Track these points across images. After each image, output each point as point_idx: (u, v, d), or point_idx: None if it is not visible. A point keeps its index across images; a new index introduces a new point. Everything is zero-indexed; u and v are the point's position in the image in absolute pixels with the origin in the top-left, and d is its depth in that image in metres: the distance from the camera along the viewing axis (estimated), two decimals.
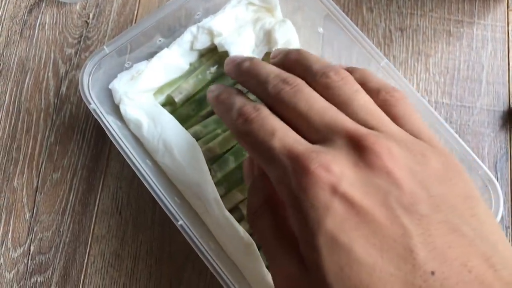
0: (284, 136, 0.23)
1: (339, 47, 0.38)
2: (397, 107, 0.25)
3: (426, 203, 0.20)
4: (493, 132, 0.40)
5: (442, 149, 0.23)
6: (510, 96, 0.41)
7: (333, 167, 0.20)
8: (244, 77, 0.28)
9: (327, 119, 0.23)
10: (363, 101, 0.24)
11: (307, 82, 0.25)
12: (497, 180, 0.39)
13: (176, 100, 0.35)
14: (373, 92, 0.25)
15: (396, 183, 0.20)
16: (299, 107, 0.24)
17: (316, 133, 0.23)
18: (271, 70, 0.27)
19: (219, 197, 0.32)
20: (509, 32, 0.43)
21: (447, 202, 0.20)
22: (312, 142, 0.23)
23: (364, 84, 0.25)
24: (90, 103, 0.33)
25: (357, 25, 0.42)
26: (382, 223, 0.19)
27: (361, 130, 0.22)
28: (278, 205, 0.25)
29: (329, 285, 0.19)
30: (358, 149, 0.21)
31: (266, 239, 0.24)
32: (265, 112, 0.25)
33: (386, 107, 0.25)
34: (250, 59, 0.29)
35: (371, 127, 0.23)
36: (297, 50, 0.28)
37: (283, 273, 0.22)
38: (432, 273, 0.18)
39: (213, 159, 0.35)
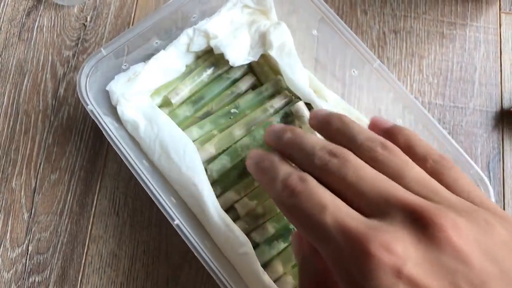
0: (335, 210, 0.21)
1: (333, 49, 0.38)
2: (446, 174, 0.23)
3: (498, 280, 0.18)
4: (486, 132, 0.41)
5: (502, 212, 0.22)
6: (503, 97, 0.42)
7: (395, 247, 0.19)
8: (287, 149, 0.27)
9: (380, 189, 0.21)
10: (415, 172, 0.23)
11: (352, 152, 0.24)
12: (490, 180, 0.39)
13: (173, 101, 0.36)
14: (420, 159, 0.24)
15: (464, 260, 0.19)
16: (348, 178, 0.22)
17: (369, 205, 0.21)
18: (316, 142, 0.25)
19: (215, 197, 0.33)
20: (501, 34, 0.43)
21: None
22: (366, 215, 0.21)
23: (409, 149, 0.24)
24: (87, 104, 0.33)
25: (351, 28, 0.43)
26: None
27: (420, 201, 0.20)
28: (334, 285, 0.23)
29: None
30: (420, 223, 0.19)
31: None
32: (313, 183, 0.23)
33: (436, 175, 0.23)
34: (291, 129, 0.27)
35: (427, 199, 0.21)
36: (339, 118, 0.27)
37: None
38: None
39: (209, 160, 0.35)
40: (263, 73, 0.38)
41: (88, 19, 0.43)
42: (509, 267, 0.19)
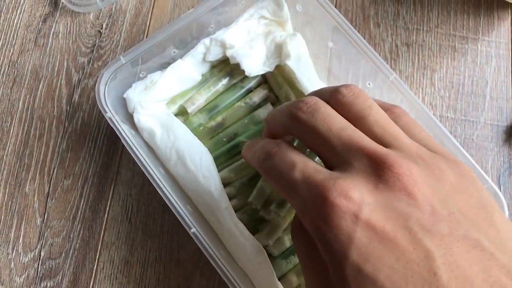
0: (303, 166, 0.23)
1: (347, 61, 0.38)
2: (401, 121, 0.25)
3: (447, 222, 0.20)
4: (497, 146, 0.41)
5: (453, 158, 0.24)
6: None
7: (353, 194, 0.20)
8: (272, 124, 0.29)
9: (344, 138, 0.23)
10: (378, 115, 0.24)
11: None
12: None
13: (189, 110, 0.36)
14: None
15: (416, 204, 0.20)
16: (317, 127, 0.24)
17: (335, 155, 0.23)
18: (290, 102, 0.27)
19: (230, 206, 0.33)
20: None
21: (465, 217, 0.21)
22: (332, 166, 0.23)
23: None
24: (106, 112, 0.34)
25: (364, 40, 0.43)
26: (405, 248, 0.20)
27: (379, 149, 0.22)
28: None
29: None
30: (378, 170, 0.21)
31: (301, 257, 0.24)
32: (285, 146, 0.25)
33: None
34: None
35: (387, 144, 0.23)
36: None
37: None
38: None
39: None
40: (276, 84, 0.38)
41: (104, 26, 0.44)
42: (457, 210, 0.21)
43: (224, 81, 0.37)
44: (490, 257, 0.20)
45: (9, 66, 0.43)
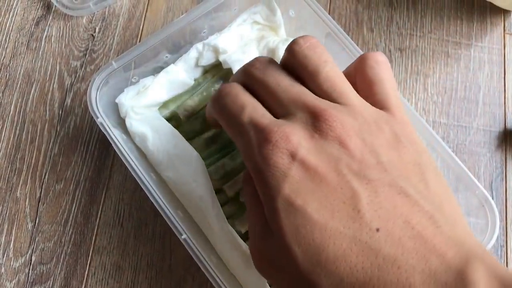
0: (252, 111, 0.25)
1: (339, 66, 0.38)
2: (374, 71, 0.27)
3: (375, 169, 0.22)
4: (489, 152, 0.41)
5: (401, 118, 0.25)
6: (506, 117, 0.42)
7: (292, 137, 0.23)
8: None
9: (291, 94, 0.25)
10: (331, 73, 0.26)
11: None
12: (492, 199, 0.40)
13: (181, 116, 0.36)
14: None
15: (347, 152, 0.23)
16: (269, 83, 0.26)
17: (281, 107, 0.25)
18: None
19: (222, 212, 0.33)
20: (506, 54, 0.44)
21: (395, 168, 0.23)
22: (278, 116, 0.25)
23: None
24: (97, 117, 0.33)
25: (357, 45, 0.43)
26: (333, 187, 0.22)
27: (320, 104, 0.24)
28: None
29: (287, 243, 0.21)
30: (315, 122, 0.23)
31: (246, 201, 0.27)
32: (238, 88, 0.27)
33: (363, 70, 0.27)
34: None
35: (333, 99, 0.25)
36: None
37: (253, 232, 0.25)
38: (377, 230, 0.20)
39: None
40: None
41: (97, 30, 0.44)
42: (385, 160, 0.23)
43: (217, 86, 0.37)
44: (414, 203, 0.21)
45: (1, 69, 0.42)
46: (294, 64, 0.27)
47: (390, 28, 0.44)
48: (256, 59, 0.28)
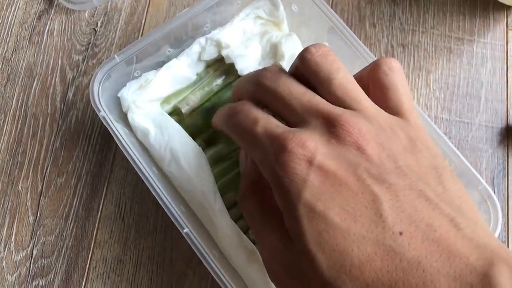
0: (265, 122, 0.25)
1: (342, 61, 0.38)
2: (388, 77, 0.27)
3: (394, 173, 0.22)
4: (491, 148, 0.41)
5: (415, 123, 0.25)
6: (508, 113, 0.42)
7: (308, 144, 0.23)
8: (240, 93, 0.31)
9: (304, 103, 0.25)
10: (344, 80, 0.26)
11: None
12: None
13: (183, 111, 0.36)
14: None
15: (365, 156, 0.22)
16: (279, 92, 0.26)
17: (295, 116, 0.25)
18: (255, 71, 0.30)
19: (224, 206, 0.33)
20: (508, 50, 0.44)
21: (413, 172, 0.22)
22: (293, 125, 0.25)
23: None
24: (100, 111, 0.33)
25: (360, 40, 0.43)
26: (354, 191, 0.22)
27: (334, 110, 0.24)
28: (265, 188, 0.27)
29: (310, 250, 0.21)
30: (331, 127, 0.23)
31: (253, 217, 0.26)
32: (249, 104, 0.27)
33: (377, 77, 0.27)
34: None
35: (347, 106, 0.25)
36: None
37: (269, 246, 0.24)
38: (400, 233, 0.20)
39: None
40: None
41: (99, 24, 0.44)
42: (403, 164, 0.22)
43: (219, 80, 0.37)
44: (435, 206, 0.21)
45: (3, 63, 0.42)
46: (306, 72, 0.27)
47: (392, 24, 0.44)
48: (265, 69, 0.28)
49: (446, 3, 0.45)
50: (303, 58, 0.27)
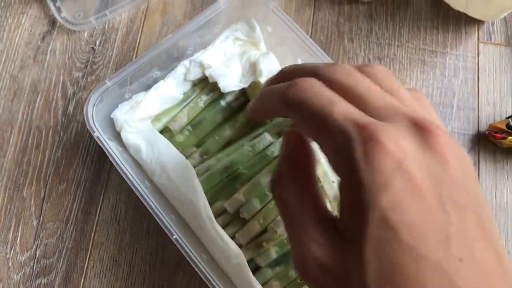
0: (345, 106, 0.22)
1: None
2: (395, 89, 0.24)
3: (467, 194, 0.21)
4: None
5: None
6: (479, 120, 0.45)
7: (401, 142, 0.20)
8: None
9: (386, 100, 0.23)
10: (404, 93, 0.24)
11: None
12: None
13: (172, 128, 0.39)
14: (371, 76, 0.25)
15: (450, 172, 0.21)
16: (359, 88, 0.23)
17: (376, 111, 0.22)
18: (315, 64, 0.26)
19: (211, 213, 0.36)
20: (479, 62, 0.47)
21: (476, 195, 0.21)
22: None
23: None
24: (94, 132, 0.37)
25: (338, 54, 0.46)
26: (430, 206, 0.20)
27: (422, 116, 0.22)
28: (305, 177, 0.25)
29: (364, 253, 0.20)
30: (421, 131, 0.21)
31: (291, 208, 0.24)
32: (318, 83, 0.23)
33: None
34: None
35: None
36: (289, 66, 0.28)
37: (307, 239, 0.22)
38: (460, 259, 0.19)
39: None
40: (253, 95, 0.41)
41: (97, 43, 0.47)
42: (470, 186, 0.21)
43: (205, 98, 0.40)
44: (488, 238, 0.21)
45: (10, 80, 0.46)
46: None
47: (369, 39, 0.47)
48: (336, 64, 0.25)
49: (420, 18, 0.48)
50: (367, 71, 0.24)
